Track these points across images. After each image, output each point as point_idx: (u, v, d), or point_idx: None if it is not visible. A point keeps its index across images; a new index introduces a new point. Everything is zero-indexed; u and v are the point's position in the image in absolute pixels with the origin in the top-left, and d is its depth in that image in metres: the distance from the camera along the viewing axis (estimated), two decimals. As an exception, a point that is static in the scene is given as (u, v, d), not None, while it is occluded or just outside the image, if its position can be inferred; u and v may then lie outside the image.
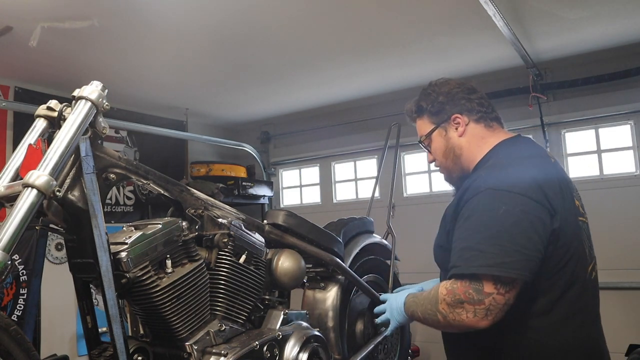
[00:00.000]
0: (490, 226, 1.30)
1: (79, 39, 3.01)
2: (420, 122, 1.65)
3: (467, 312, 1.31)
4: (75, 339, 3.87)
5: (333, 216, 2.41)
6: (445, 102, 1.56)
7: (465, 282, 1.31)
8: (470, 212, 1.35)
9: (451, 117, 1.55)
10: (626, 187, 3.64)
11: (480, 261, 1.29)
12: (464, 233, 1.35)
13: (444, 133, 1.57)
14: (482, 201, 1.34)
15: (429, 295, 1.45)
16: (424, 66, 3.79)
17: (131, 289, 1.35)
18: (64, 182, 1.27)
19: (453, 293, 1.34)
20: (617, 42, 3.47)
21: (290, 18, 2.89)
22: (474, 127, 1.55)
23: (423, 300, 1.47)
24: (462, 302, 1.32)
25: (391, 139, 2.90)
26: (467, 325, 1.33)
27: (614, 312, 3.39)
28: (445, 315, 1.36)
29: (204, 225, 1.57)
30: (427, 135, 1.61)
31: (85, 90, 1.32)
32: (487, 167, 1.45)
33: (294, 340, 1.66)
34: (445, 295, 1.35)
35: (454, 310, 1.34)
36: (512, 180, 1.34)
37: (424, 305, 1.46)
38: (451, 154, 1.57)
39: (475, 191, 1.36)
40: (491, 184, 1.35)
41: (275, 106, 4.77)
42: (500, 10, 2.68)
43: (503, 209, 1.30)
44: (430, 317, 1.43)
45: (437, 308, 1.38)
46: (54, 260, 3.84)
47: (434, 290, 1.42)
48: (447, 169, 1.62)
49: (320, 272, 2.07)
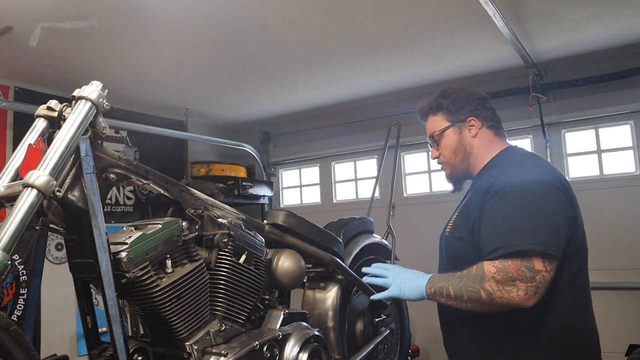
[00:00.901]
0: (527, 210, 1.40)
1: (79, 39, 3.01)
2: (433, 119, 1.73)
3: (518, 290, 1.35)
4: (75, 339, 3.87)
5: (333, 216, 2.41)
6: (464, 104, 1.68)
7: (517, 260, 1.36)
8: (505, 200, 1.44)
9: (467, 119, 1.67)
10: (626, 187, 3.64)
11: (528, 239, 1.36)
12: (502, 217, 1.42)
13: (458, 132, 1.68)
14: (515, 190, 1.44)
15: (469, 273, 1.44)
16: (424, 66, 3.79)
17: (131, 289, 1.35)
18: (64, 182, 1.27)
19: (504, 271, 1.36)
20: (617, 42, 3.47)
21: (290, 18, 2.89)
22: (485, 132, 1.68)
23: (460, 278, 1.45)
24: (514, 280, 1.35)
25: (391, 139, 2.90)
26: (514, 303, 1.36)
27: (613, 312, 3.40)
28: (491, 292, 1.37)
29: (204, 225, 1.57)
30: (442, 130, 1.69)
31: (85, 90, 1.32)
32: (507, 165, 1.57)
33: (294, 340, 1.66)
34: (495, 273, 1.37)
35: (504, 287, 1.36)
36: (538, 173, 1.48)
37: (462, 282, 1.44)
38: (461, 152, 1.67)
39: (506, 182, 1.46)
40: (521, 176, 1.47)
41: (275, 106, 4.77)
42: (500, 10, 2.68)
43: (537, 196, 1.42)
44: (469, 295, 1.41)
45: (481, 285, 1.39)
46: (54, 260, 3.84)
47: (477, 269, 1.42)
48: (452, 165, 1.70)
49: (320, 272, 2.07)
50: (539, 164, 1.56)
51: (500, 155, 1.65)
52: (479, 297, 1.40)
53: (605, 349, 1.64)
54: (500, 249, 1.38)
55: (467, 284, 1.43)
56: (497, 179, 1.49)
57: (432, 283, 1.52)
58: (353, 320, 2.15)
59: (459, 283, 1.45)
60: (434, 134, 1.72)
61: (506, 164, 1.58)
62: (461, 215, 1.61)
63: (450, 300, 1.48)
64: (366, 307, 2.22)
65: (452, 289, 1.46)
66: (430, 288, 1.51)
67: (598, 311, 1.56)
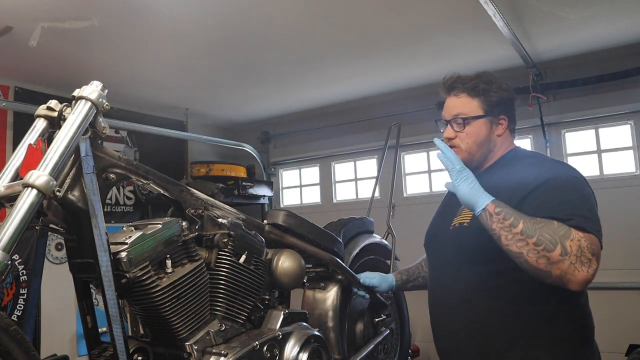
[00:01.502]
0: (590, 203, 1.41)
1: (79, 39, 3.01)
2: (467, 100, 1.61)
3: (590, 268, 1.27)
4: (75, 339, 3.86)
5: (333, 216, 2.41)
6: (502, 100, 1.62)
7: (595, 238, 1.31)
8: (563, 185, 1.41)
9: (500, 116, 1.62)
10: (626, 187, 3.64)
11: (595, 226, 1.34)
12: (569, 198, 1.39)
13: (489, 126, 1.61)
14: (570, 181, 1.44)
15: (550, 223, 1.32)
16: (424, 66, 3.79)
17: (131, 289, 1.34)
18: (64, 182, 1.26)
19: (591, 241, 1.30)
20: (617, 42, 3.47)
21: (290, 18, 2.89)
22: (507, 133, 1.66)
23: (534, 220, 1.33)
24: (594, 255, 1.28)
25: (391, 139, 2.90)
26: (576, 279, 1.28)
27: (614, 312, 3.39)
28: (568, 253, 1.27)
29: (204, 225, 1.57)
30: (475, 117, 1.59)
31: (85, 90, 1.31)
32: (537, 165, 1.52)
33: (294, 340, 1.66)
34: (583, 237, 1.29)
35: (581, 257, 1.27)
36: (573, 171, 1.49)
37: (538, 225, 1.32)
38: (485, 146, 1.61)
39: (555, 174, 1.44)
40: (567, 172, 1.47)
41: (275, 106, 4.77)
42: (500, 10, 2.68)
43: (589, 192, 1.44)
44: (541, 241, 1.29)
45: (562, 241, 1.29)
46: (54, 260, 3.84)
47: (559, 224, 1.32)
48: (468, 154, 1.60)
49: (320, 272, 2.07)
50: (564, 163, 1.63)
51: (509, 155, 1.63)
52: (550, 249, 1.27)
53: (605, 349, 1.64)
54: (578, 218, 1.32)
55: (545, 230, 1.30)
56: (539, 172, 1.45)
57: (498, 204, 1.37)
58: (353, 320, 2.15)
59: (533, 224, 1.32)
60: (463, 116, 1.59)
61: (533, 163, 1.52)
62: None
63: (508, 232, 1.33)
64: (366, 307, 2.22)
65: (523, 224, 1.32)
66: (495, 207, 1.37)
67: (598, 311, 1.56)
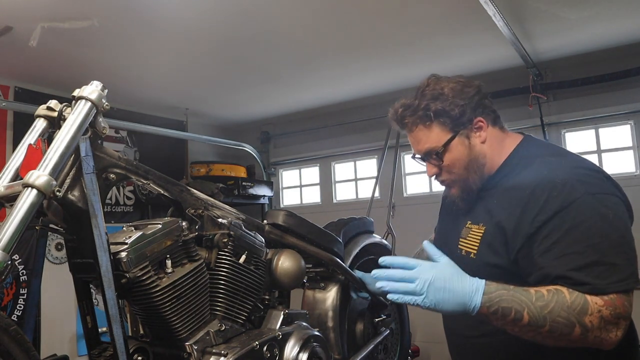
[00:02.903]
0: (608, 235, 1.13)
1: (79, 39, 3.01)
2: (426, 131, 1.35)
3: (618, 330, 1.10)
4: (75, 339, 3.87)
5: (333, 216, 2.41)
6: (464, 103, 1.33)
7: (621, 295, 1.10)
8: (573, 223, 1.14)
9: (473, 121, 1.33)
10: (626, 187, 3.58)
11: (616, 276, 1.11)
12: (579, 246, 1.13)
13: (466, 141, 1.33)
14: (585, 209, 1.15)
15: (561, 297, 1.10)
16: (424, 66, 3.79)
17: (131, 289, 1.35)
18: (64, 182, 1.26)
19: (613, 305, 1.09)
20: (617, 42, 3.47)
21: (290, 18, 2.89)
22: (492, 131, 1.36)
23: (541, 301, 1.10)
24: (619, 318, 1.10)
25: (391, 139, 2.91)
26: (608, 344, 1.11)
27: (614, 312, 3.39)
28: (590, 329, 1.08)
29: (204, 225, 1.57)
30: (445, 145, 1.32)
31: (85, 90, 1.31)
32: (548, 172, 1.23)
33: (294, 340, 1.66)
34: (603, 306, 1.09)
35: (606, 326, 1.09)
36: (597, 182, 1.20)
37: (547, 308, 1.10)
38: (474, 165, 1.33)
39: (567, 199, 1.16)
40: (582, 189, 1.17)
41: (275, 106, 4.77)
42: (500, 10, 2.68)
43: (612, 215, 1.15)
44: (555, 327, 1.09)
45: (580, 319, 1.08)
46: (54, 260, 3.84)
47: (574, 296, 1.10)
48: (465, 182, 1.35)
49: (320, 272, 2.07)
50: (587, 166, 1.24)
51: (518, 153, 1.35)
52: (570, 332, 1.09)
53: (605, 349, 1.63)
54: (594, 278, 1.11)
55: (557, 312, 1.09)
56: (551, 192, 1.18)
57: (491, 300, 1.12)
58: (353, 320, 2.15)
59: (541, 308, 1.10)
60: (434, 150, 1.34)
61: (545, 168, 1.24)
62: (492, 234, 1.27)
63: (514, 327, 1.13)
64: (366, 307, 2.22)
65: (528, 314, 1.10)
66: (488, 307, 1.12)
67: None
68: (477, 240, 1.31)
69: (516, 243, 1.21)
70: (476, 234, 1.32)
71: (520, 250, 1.21)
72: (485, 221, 1.31)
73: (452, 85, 1.37)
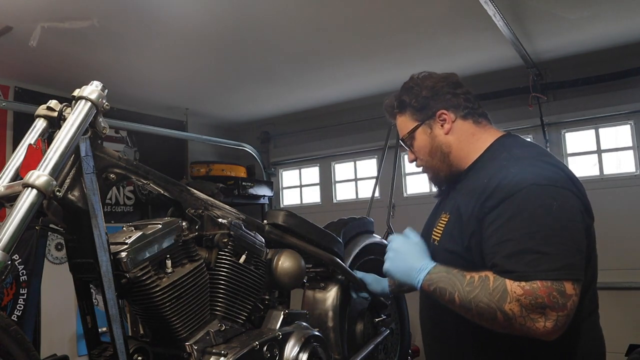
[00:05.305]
0: (547, 225, 1.16)
1: (79, 39, 3.01)
2: (401, 119, 1.55)
3: (547, 320, 1.11)
4: (75, 339, 3.86)
5: (333, 216, 2.41)
6: (429, 96, 1.47)
7: (547, 282, 1.12)
8: (515, 211, 1.19)
9: (436, 114, 1.46)
10: (626, 187, 3.64)
11: (558, 262, 1.13)
12: (516, 234, 1.17)
13: (429, 131, 1.47)
14: (529, 198, 1.19)
15: (483, 283, 1.18)
16: (424, 66, 3.73)
17: (131, 289, 1.35)
18: (64, 182, 1.26)
19: (534, 294, 1.11)
20: (617, 42, 3.47)
21: (290, 18, 2.89)
22: (462, 124, 1.45)
23: (470, 285, 1.19)
24: (544, 307, 1.11)
25: (391, 139, 2.91)
26: (536, 334, 1.13)
27: (613, 312, 3.39)
28: (512, 317, 1.13)
29: (204, 225, 1.57)
30: (410, 132, 1.51)
31: (85, 90, 1.32)
32: (507, 161, 1.30)
33: (294, 340, 1.66)
34: (522, 295, 1.12)
35: (529, 315, 1.12)
36: (550, 174, 1.23)
37: (473, 292, 1.18)
38: (438, 153, 1.47)
39: (514, 188, 1.21)
40: (531, 179, 1.21)
41: (275, 106, 4.77)
42: (500, 10, 2.68)
43: (555, 205, 1.17)
44: (481, 311, 1.17)
45: (500, 306, 1.14)
46: (54, 260, 3.84)
47: (496, 282, 1.16)
48: (433, 168, 1.51)
49: (320, 272, 2.07)
50: (547, 161, 1.29)
51: (492, 148, 1.41)
52: (494, 318, 1.16)
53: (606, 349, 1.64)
54: (520, 264, 1.14)
55: (480, 297, 1.17)
56: (501, 181, 1.24)
57: (431, 280, 1.28)
58: (353, 320, 2.15)
59: (468, 292, 1.19)
60: (404, 137, 1.55)
61: (505, 160, 1.31)
62: (453, 222, 1.37)
63: (454, 307, 1.24)
64: (366, 307, 2.22)
65: (458, 297, 1.21)
66: (429, 285, 1.28)
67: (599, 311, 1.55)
68: (442, 228, 1.41)
69: (469, 228, 1.29)
70: (442, 222, 1.41)
71: (472, 235, 1.28)
72: (451, 211, 1.40)
73: (428, 80, 1.51)
